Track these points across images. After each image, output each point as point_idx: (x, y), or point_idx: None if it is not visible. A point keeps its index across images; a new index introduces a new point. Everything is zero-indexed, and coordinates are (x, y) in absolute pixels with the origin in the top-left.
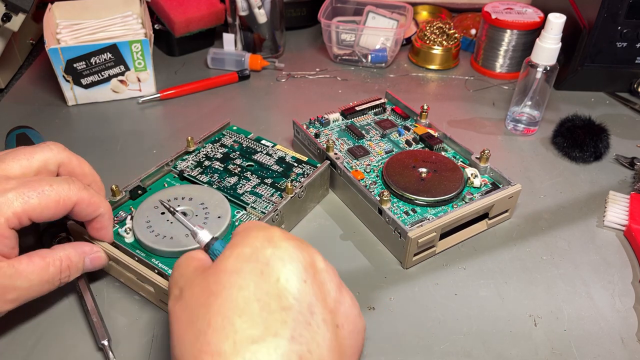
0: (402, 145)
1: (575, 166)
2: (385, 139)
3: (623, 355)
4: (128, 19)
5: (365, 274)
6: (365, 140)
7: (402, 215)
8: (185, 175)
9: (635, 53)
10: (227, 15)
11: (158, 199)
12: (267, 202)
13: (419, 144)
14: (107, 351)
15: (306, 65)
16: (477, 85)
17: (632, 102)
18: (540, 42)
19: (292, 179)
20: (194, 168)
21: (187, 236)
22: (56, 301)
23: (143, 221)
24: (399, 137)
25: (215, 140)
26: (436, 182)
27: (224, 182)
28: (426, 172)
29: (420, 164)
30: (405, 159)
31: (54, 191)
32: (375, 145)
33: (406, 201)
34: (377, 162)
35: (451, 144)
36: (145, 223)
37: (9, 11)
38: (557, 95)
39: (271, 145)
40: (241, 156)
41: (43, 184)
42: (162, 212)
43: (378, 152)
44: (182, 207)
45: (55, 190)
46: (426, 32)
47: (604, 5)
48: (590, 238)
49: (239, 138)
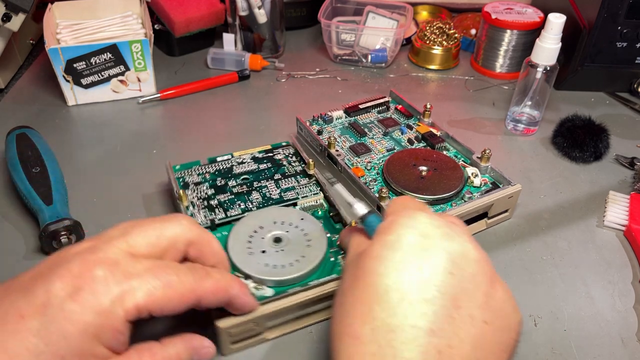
0: (404, 143)
1: (575, 166)
2: (387, 137)
3: (623, 355)
4: (128, 19)
5: None
6: (367, 137)
7: None
8: (217, 222)
9: (635, 53)
10: (227, 15)
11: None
12: (303, 186)
13: (421, 142)
14: None
15: (306, 65)
16: (477, 85)
17: (632, 102)
18: (540, 42)
19: (291, 163)
20: (212, 212)
21: (290, 265)
22: None
23: (244, 255)
24: (402, 135)
25: (185, 186)
26: (436, 181)
27: (253, 201)
28: (426, 170)
29: (421, 162)
30: (406, 157)
31: (180, 283)
32: (377, 143)
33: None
34: (378, 160)
35: (453, 143)
36: (247, 256)
37: (9, 11)
38: (557, 95)
39: (230, 156)
40: (225, 179)
41: (170, 273)
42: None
43: (380, 150)
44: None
45: (182, 281)
46: (426, 32)
47: (604, 5)
48: (590, 238)
49: (198, 169)
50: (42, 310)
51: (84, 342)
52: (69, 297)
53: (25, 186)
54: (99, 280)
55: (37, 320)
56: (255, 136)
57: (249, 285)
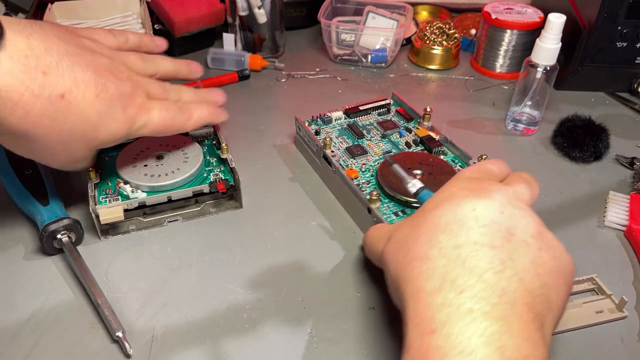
0: (401, 146)
1: (575, 166)
2: (385, 139)
3: (623, 355)
4: (128, 19)
5: (366, 273)
6: (365, 139)
7: (391, 215)
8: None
9: (635, 53)
10: (227, 15)
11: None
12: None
13: (419, 146)
14: (123, 342)
15: (306, 65)
16: (477, 85)
17: (632, 102)
18: (540, 42)
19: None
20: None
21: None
22: (55, 299)
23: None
24: (400, 138)
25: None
26: (429, 185)
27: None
28: (420, 174)
29: (416, 166)
30: (402, 161)
31: (176, 121)
32: (374, 145)
33: (398, 202)
34: (374, 162)
35: (451, 148)
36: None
37: (9, 11)
38: (557, 95)
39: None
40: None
41: (170, 112)
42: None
43: (376, 152)
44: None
45: (176, 120)
46: (426, 32)
47: (604, 5)
48: (590, 238)
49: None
50: (110, 100)
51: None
52: (121, 111)
53: (19, 189)
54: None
55: (105, 104)
56: (254, 136)
57: (127, 188)
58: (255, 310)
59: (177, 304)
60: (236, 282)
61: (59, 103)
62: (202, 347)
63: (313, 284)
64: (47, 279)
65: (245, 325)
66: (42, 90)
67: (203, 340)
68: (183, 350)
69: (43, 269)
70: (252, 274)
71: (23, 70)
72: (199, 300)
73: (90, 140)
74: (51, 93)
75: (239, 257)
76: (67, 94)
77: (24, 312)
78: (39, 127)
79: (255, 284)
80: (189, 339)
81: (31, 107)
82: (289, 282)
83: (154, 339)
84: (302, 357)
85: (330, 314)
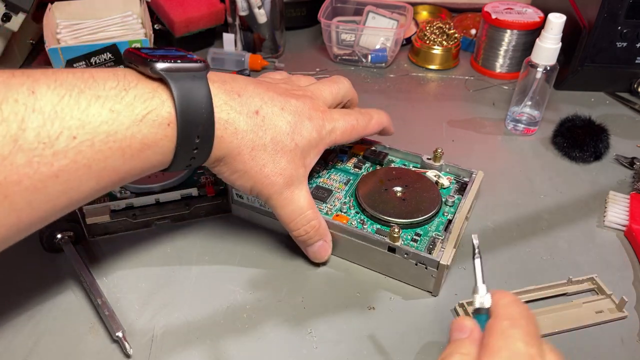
0: (352, 170)
1: (575, 166)
2: (333, 170)
3: (623, 355)
4: (128, 19)
5: (365, 272)
6: (314, 179)
7: (413, 244)
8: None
9: (635, 53)
10: (227, 15)
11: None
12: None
13: (366, 163)
14: (123, 342)
15: (306, 65)
16: (477, 85)
17: (632, 102)
18: (540, 42)
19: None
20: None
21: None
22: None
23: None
24: (343, 163)
25: None
26: (417, 196)
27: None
28: (401, 190)
29: (388, 184)
30: (372, 185)
31: (359, 124)
32: (329, 180)
33: (405, 227)
34: (345, 197)
35: (396, 153)
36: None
37: (9, 11)
38: (557, 95)
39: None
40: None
41: (352, 118)
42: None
43: (339, 187)
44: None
45: (359, 123)
46: (426, 32)
47: (604, 5)
48: (590, 238)
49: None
50: (295, 112)
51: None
52: (307, 119)
53: None
54: (323, 118)
55: (292, 115)
56: None
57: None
58: (255, 310)
59: (177, 304)
60: (236, 282)
61: (256, 118)
62: (202, 347)
63: (313, 284)
64: (47, 279)
65: (245, 325)
66: (242, 108)
67: (203, 340)
68: (183, 350)
69: (43, 269)
70: (252, 274)
71: (224, 92)
72: (199, 300)
73: (291, 150)
74: (249, 110)
75: (239, 258)
76: (260, 110)
77: (24, 312)
78: (247, 143)
79: (255, 284)
80: (189, 339)
81: (238, 124)
82: (289, 282)
83: (154, 339)
84: (302, 357)
85: (330, 314)
